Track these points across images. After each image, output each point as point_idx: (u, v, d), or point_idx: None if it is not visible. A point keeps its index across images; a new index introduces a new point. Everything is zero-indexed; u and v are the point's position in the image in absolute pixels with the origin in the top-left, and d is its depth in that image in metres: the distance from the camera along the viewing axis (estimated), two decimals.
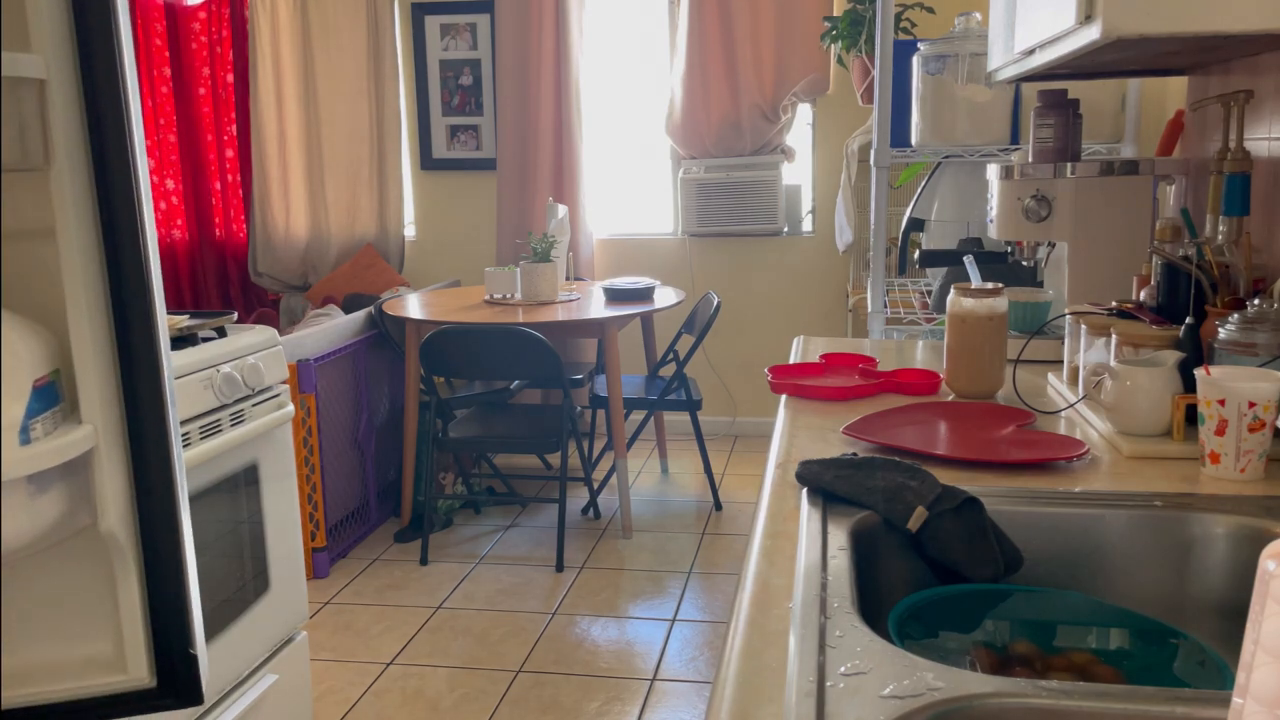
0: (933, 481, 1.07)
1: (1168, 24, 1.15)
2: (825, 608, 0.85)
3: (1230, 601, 1.04)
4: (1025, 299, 1.87)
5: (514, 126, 4.63)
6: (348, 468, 3.60)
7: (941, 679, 0.73)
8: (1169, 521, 1.08)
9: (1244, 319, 1.24)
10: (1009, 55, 1.68)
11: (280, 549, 2.22)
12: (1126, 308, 1.50)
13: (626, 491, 3.70)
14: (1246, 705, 0.48)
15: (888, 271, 2.94)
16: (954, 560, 1.00)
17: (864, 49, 3.51)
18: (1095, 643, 0.94)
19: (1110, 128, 2.80)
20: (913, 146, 2.69)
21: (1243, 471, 1.16)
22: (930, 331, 2.48)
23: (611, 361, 3.60)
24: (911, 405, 1.52)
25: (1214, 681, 0.82)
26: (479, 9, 4.70)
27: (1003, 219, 1.84)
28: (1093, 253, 1.78)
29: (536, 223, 4.60)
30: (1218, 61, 1.69)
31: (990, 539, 1.01)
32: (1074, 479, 1.20)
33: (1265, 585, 0.48)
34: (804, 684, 0.73)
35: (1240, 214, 1.40)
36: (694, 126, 4.50)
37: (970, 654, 0.92)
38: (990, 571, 1.00)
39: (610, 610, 3.11)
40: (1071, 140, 1.87)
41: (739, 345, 4.67)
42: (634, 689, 2.66)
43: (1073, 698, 0.71)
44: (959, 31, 2.61)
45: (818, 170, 4.60)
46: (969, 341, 1.56)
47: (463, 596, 3.21)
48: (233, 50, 4.85)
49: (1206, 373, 1.17)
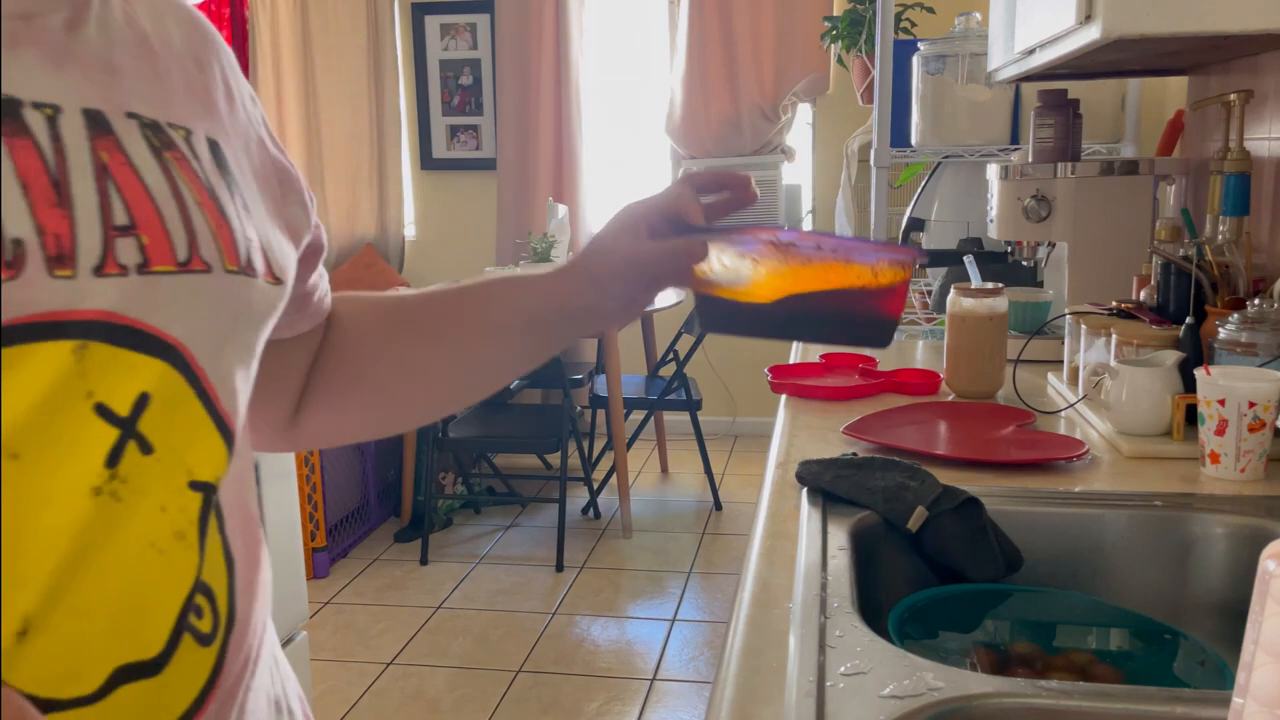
0: (933, 482, 1.07)
1: (1168, 24, 1.15)
2: (825, 608, 0.85)
3: (1230, 601, 1.04)
4: (1025, 299, 1.87)
5: (514, 126, 4.63)
6: (347, 467, 3.60)
7: (942, 679, 0.73)
8: (1169, 521, 1.08)
9: (1244, 319, 1.24)
10: (1009, 55, 1.68)
11: (280, 549, 2.22)
12: (1126, 308, 1.50)
13: (626, 491, 3.70)
14: (1247, 705, 0.48)
15: None
16: (954, 560, 1.00)
17: (864, 49, 3.51)
18: (1095, 643, 0.94)
19: (1110, 128, 2.80)
20: (913, 146, 2.69)
21: (1243, 471, 1.16)
22: (930, 331, 2.48)
23: (611, 361, 3.60)
24: (911, 405, 1.52)
25: (1214, 681, 0.82)
26: (479, 9, 4.70)
27: (1003, 219, 1.84)
28: (1093, 253, 1.78)
29: (536, 222, 4.60)
30: (1218, 61, 1.69)
31: (990, 539, 1.01)
32: (1074, 479, 1.20)
33: (1265, 585, 0.48)
34: (804, 684, 0.73)
35: (1240, 214, 1.40)
36: (694, 126, 4.50)
37: (970, 654, 0.92)
38: (990, 571, 1.00)
39: (610, 610, 3.11)
40: (1072, 140, 1.87)
41: (739, 345, 4.67)
42: (634, 689, 2.66)
43: (1073, 698, 0.71)
44: (959, 31, 2.61)
45: (818, 170, 4.60)
46: (969, 341, 1.56)
47: (462, 596, 3.21)
48: (232, 50, 4.85)
49: (1206, 373, 1.17)
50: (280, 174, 0.71)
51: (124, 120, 0.56)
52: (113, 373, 0.52)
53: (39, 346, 0.49)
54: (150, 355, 0.54)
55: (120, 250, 0.53)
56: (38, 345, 0.49)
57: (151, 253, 0.54)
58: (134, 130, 0.57)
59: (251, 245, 0.62)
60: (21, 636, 0.49)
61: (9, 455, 0.48)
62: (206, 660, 0.57)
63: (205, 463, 0.58)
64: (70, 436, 0.50)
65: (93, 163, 0.53)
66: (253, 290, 0.62)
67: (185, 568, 0.56)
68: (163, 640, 0.54)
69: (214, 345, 0.58)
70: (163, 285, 0.55)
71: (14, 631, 0.49)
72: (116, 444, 0.52)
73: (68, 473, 0.50)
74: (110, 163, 0.54)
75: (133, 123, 0.57)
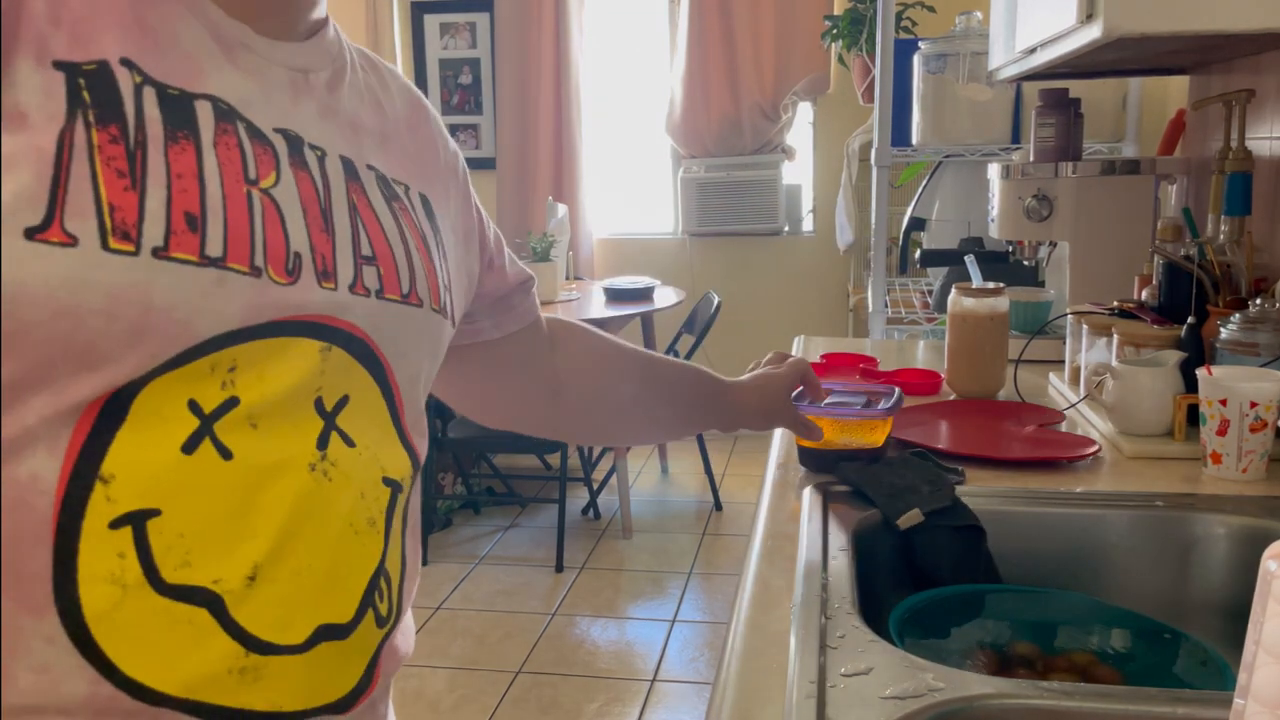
0: (948, 494, 1.06)
1: (1169, 23, 1.15)
2: (826, 608, 0.85)
3: (1232, 602, 1.04)
4: (1026, 299, 1.87)
5: (514, 125, 4.63)
6: None
7: (942, 680, 0.73)
8: (1170, 522, 1.08)
9: (1245, 319, 1.24)
10: (1010, 54, 1.67)
11: None
12: (1128, 307, 1.50)
13: (626, 492, 3.70)
14: (1248, 706, 0.48)
15: (888, 271, 2.94)
16: (938, 575, 1.00)
17: (864, 48, 3.50)
18: (1096, 643, 0.94)
19: (1111, 127, 2.80)
20: (913, 146, 2.68)
21: (1244, 472, 1.16)
22: (931, 331, 2.48)
23: None
24: (920, 405, 1.51)
25: (1215, 682, 0.82)
26: (478, 8, 4.70)
27: (1004, 218, 1.84)
28: (1094, 252, 1.77)
29: (536, 222, 4.60)
30: (1219, 60, 1.69)
31: (979, 569, 1.01)
32: (1075, 479, 1.20)
33: (1267, 585, 0.48)
34: (804, 685, 0.73)
35: (1242, 213, 1.39)
36: (694, 125, 4.50)
37: (971, 655, 0.91)
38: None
39: (610, 611, 3.11)
40: (1073, 139, 1.87)
41: (739, 345, 4.66)
42: (634, 690, 2.66)
43: (1074, 698, 0.71)
44: (960, 30, 2.61)
45: (818, 169, 4.59)
46: (970, 341, 1.56)
47: (462, 597, 3.21)
48: None
49: (1208, 373, 1.17)
50: (468, 228, 0.83)
51: (366, 170, 0.68)
52: (339, 375, 0.62)
53: (302, 341, 0.60)
54: (364, 366, 0.64)
55: (366, 275, 0.64)
56: (302, 340, 0.60)
57: (386, 282, 0.66)
58: (373, 179, 0.68)
59: (446, 290, 0.74)
60: (251, 581, 0.57)
61: (249, 423, 0.57)
62: (376, 638, 0.66)
63: (394, 464, 0.67)
64: (295, 419, 0.60)
65: (348, 200, 0.65)
66: (444, 329, 0.74)
67: (373, 550, 0.64)
68: (353, 610, 0.63)
69: (410, 369, 0.69)
70: (390, 311, 0.66)
71: (244, 575, 0.57)
72: (323, 432, 0.61)
73: (293, 447, 0.60)
74: (359, 203, 0.66)
75: (371, 173, 0.68)
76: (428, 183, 0.76)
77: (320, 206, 0.62)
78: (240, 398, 0.57)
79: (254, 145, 0.59)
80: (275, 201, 0.59)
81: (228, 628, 0.56)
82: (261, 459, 0.58)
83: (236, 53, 0.61)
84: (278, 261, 0.58)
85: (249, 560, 0.57)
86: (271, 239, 0.58)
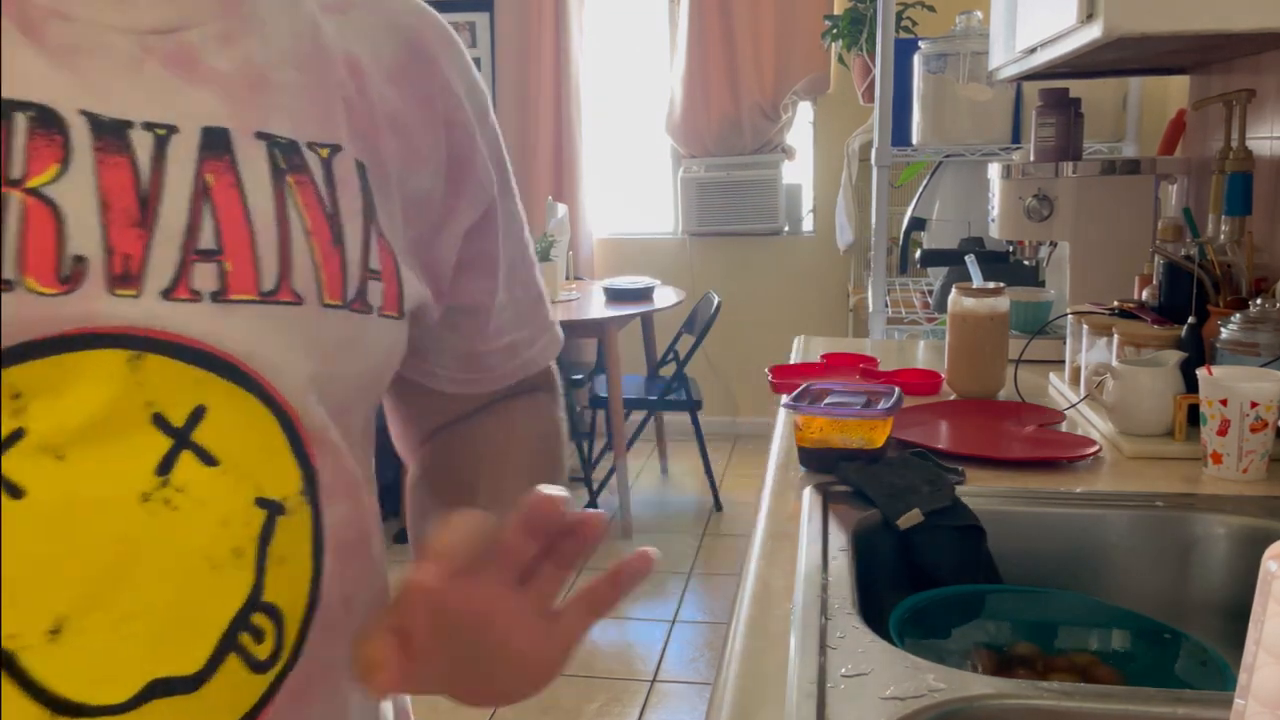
0: (948, 494, 1.06)
1: (1169, 22, 1.15)
2: (826, 609, 0.85)
3: (1232, 602, 1.04)
4: (1026, 299, 1.87)
5: (513, 125, 4.63)
6: None
7: (943, 680, 0.73)
8: (1170, 522, 1.08)
9: (1246, 319, 1.24)
10: (1010, 54, 1.67)
11: None
12: (1128, 307, 1.50)
13: (626, 492, 3.70)
14: (1248, 706, 0.48)
15: (889, 271, 2.94)
16: (938, 576, 1.00)
17: (865, 47, 3.50)
18: (1096, 643, 0.94)
19: (1112, 127, 2.80)
20: (914, 145, 2.68)
21: (1245, 472, 1.16)
22: (931, 331, 2.48)
23: (611, 361, 3.60)
24: (920, 405, 1.51)
25: (1215, 682, 0.82)
26: (478, 7, 4.70)
27: (1004, 218, 1.84)
28: (1094, 252, 1.77)
29: (536, 222, 4.60)
30: (1219, 60, 1.69)
31: (979, 571, 1.01)
32: (1075, 479, 1.20)
33: (1267, 586, 0.48)
34: (805, 685, 0.73)
35: (1242, 213, 1.39)
36: (694, 125, 4.50)
37: (971, 655, 0.91)
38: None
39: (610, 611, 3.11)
40: (1073, 139, 1.86)
41: (739, 345, 4.66)
42: (634, 690, 2.66)
43: (1074, 699, 0.71)
44: (960, 30, 2.61)
45: (818, 169, 4.59)
46: (970, 341, 1.56)
47: None
48: None
49: (1208, 373, 1.17)
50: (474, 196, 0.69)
51: (249, 140, 0.56)
52: (174, 386, 0.53)
53: (96, 353, 0.51)
54: (216, 374, 0.54)
55: (197, 275, 0.53)
56: (95, 352, 0.51)
57: (232, 280, 0.55)
58: (258, 151, 0.57)
59: (370, 278, 0.61)
60: (54, 635, 0.50)
61: (54, 456, 0.50)
62: (255, 687, 0.56)
63: (275, 481, 0.57)
64: (121, 443, 0.51)
65: (194, 184, 0.54)
66: (359, 326, 0.61)
67: (239, 585, 0.55)
68: (204, 658, 0.53)
69: (300, 375, 0.58)
70: (238, 313, 0.55)
71: (45, 629, 0.50)
72: (170, 452, 0.53)
73: (115, 477, 0.51)
74: (215, 185, 0.55)
75: (260, 143, 0.57)
76: (374, 146, 0.63)
77: (137, 197, 0.52)
78: (28, 428, 0.50)
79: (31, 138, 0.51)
80: (48, 200, 0.50)
81: (26, 688, 0.50)
82: (67, 494, 0.50)
83: (43, 27, 0.52)
84: (43, 269, 0.50)
85: (50, 612, 0.50)
86: (33, 244, 0.50)
